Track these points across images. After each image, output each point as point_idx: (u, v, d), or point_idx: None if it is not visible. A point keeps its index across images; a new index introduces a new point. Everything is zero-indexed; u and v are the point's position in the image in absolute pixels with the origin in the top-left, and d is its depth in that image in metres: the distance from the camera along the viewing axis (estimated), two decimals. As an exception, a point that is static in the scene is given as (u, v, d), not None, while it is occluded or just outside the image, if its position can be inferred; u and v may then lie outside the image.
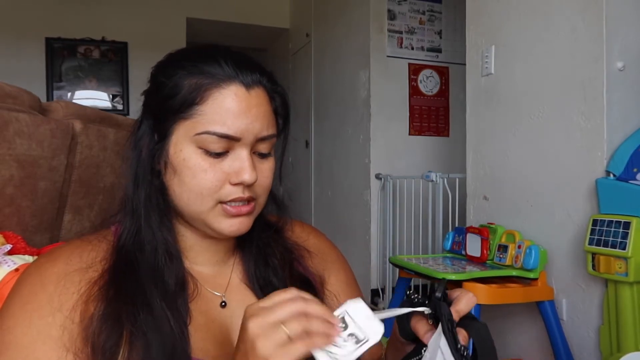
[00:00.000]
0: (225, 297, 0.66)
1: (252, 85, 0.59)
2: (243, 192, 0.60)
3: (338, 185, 3.69)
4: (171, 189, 0.61)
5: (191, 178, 0.59)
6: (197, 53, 0.62)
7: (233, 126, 0.58)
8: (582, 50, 1.64)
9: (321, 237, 0.78)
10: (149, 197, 0.61)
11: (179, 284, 0.61)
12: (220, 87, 0.58)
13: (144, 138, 0.62)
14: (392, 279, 2.98)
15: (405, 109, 3.30)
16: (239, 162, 0.59)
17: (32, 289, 0.56)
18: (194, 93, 0.58)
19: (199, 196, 0.59)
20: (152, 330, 0.55)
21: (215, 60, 0.59)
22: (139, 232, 0.61)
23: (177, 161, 0.59)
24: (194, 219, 0.62)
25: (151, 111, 0.62)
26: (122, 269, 0.59)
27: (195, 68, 0.59)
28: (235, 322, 0.64)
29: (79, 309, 0.55)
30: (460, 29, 2.48)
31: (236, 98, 0.58)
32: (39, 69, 3.94)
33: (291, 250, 0.71)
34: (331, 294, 0.71)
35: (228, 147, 0.59)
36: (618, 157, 1.53)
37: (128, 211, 0.62)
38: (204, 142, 0.58)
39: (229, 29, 4.60)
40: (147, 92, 0.64)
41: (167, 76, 0.60)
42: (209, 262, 0.67)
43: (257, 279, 0.67)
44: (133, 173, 0.62)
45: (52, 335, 0.54)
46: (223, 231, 0.61)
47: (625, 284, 1.46)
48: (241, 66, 0.59)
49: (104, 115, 1.56)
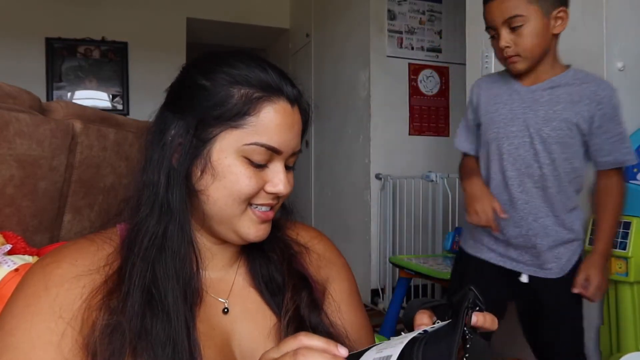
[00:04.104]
0: (228, 302, 0.65)
1: (294, 102, 0.62)
2: (273, 199, 0.63)
3: (338, 185, 3.69)
4: (206, 194, 0.60)
5: (234, 184, 0.59)
6: (242, 60, 0.61)
7: (279, 140, 0.60)
8: (582, 50, 1.64)
9: (327, 243, 0.78)
10: (184, 200, 0.61)
11: (195, 291, 0.61)
12: (271, 102, 0.60)
13: (178, 139, 0.60)
14: (392, 279, 2.98)
15: (405, 109, 3.30)
16: (277, 175, 0.62)
17: (35, 290, 0.56)
18: (247, 105, 0.59)
19: (237, 200, 0.60)
20: (164, 344, 0.54)
21: (263, 70, 0.60)
22: (166, 235, 0.60)
23: (221, 167, 0.59)
24: (222, 222, 0.62)
25: (189, 113, 0.60)
26: (133, 274, 0.57)
27: (243, 77, 0.59)
28: (236, 329, 0.64)
29: (80, 315, 0.54)
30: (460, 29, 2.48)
31: (285, 113, 0.61)
32: (39, 69, 3.94)
33: (290, 246, 0.71)
34: (334, 302, 0.71)
35: (269, 159, 0.61)
36: (618, 157, 1.53)
37: (155, 213, 0.60)
38: (250, 152, 0.59)
39: (229, 29, 4.60)
40: (180, 91, 0.63)
41: (209, 79, 0.60)
42: (216, 267, 0.67)
43: (262, 277, 0.67)
44: (166, 175, 0.60)
45: (52, 341, 0.53)
46: (249, 237, 0.62)
47: (626, 284, 1.46)
48: (284, 78, 0.62)
49: (104, 115, 1.56)
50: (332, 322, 0.67)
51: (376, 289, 3.20)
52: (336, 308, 0.70)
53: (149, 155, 0.61)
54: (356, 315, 0.74)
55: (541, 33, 1.17)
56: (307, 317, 0.64)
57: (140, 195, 0.61)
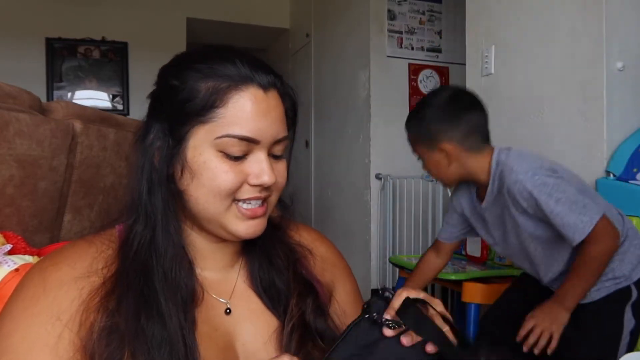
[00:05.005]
0: (230, 303, 0.64)
1: (268, 87, 0.59)
2: (260, 192, 0.60)
3: (338, 185, 3.69)
4: (188, 193, 0.59)
5: (211, 180, 0.58)
6: (209, 54, 0.60)
7: (253, 129, 0.58)
8: (582, 50, 1.64)
9: (329, 245, 0.77)
10: (167, 203, 0.60)
11: (190, 292, 0.60)
12: (239, 90, 0.57)
13: (156, 142, 0.60)
14: (392, 279, 2.98)
15: (405, 109, 3.30)
16: (258, 165, 0.59)
17: (34, 293, 0.56)
18: (213, 96, 0.57)
19: (218, 197, 0.58)
20: (160, 346, 0.54)
21: (231, 62, 0.58)
22: (153, 238, 0.60)
23: (197, 165, 0.58)
24: (209, 221, 0.61)
25: (163, 115, 0.60)
26: (130, 277, 0.57)
27: (211, 70, 0.58)
28: (239, 330, 0.63)
29: (78, 317, 0.54)
30: (460, 29, 2.48)
31: (255, 100, 0.58)
32: (39, 69, 3.94)
33: (295, 250, 0.71)
34: (338, 304, 0.71)
35: (247, 150, 0.59)
36: (618, 157, 1.53)
37: (141, 217, 0.60)
38: (224, 145, 0.57)
39: (229, 29, 4.59)
40: (156, 95, 0.63)
41: (179, 79, 0.59)
42: (216, 267, 0.66)
43: (261, 281, 0.66)
44: (147, 179, 0.60)
45: (49, 344, 0.53)
46: (239, 233, 0.61)
47: (625, 284, 1.46)
48: (256, 67, 0.59)
49: (104, 115, 1.56)
50: (337, 326, 0.67)
51: (376, 289, 3.19)
52: (342, 311, 0.70)
53: (133, 161, 0.62)
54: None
55: (437, 164, 1.28)
56: (312, 324, 0.64)
57: (131, 200, 0.62)
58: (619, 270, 1.21)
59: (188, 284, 0.60)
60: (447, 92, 1.29)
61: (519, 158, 1.22)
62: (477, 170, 1.26)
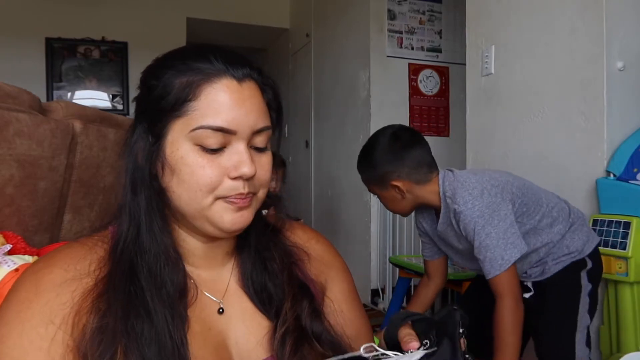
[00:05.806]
0: (223, 303, 0.64)
1: (243, 78, 0.59)
2: (243, 188, 0.59)
3: (338, 185, 3.69)
4: (170, 190, 0.60)
5: (190, 176, 0.58)
6: (185, 52, 0.61)
7: (227, 118, 0.57)
8: (582, 50, 1.64)
9: (325, 244, 0.77)
10: (150, 201, 0.60)
11: (180, 289, 0.60)
12: (211, 82, 0.58)
13: (139, 142, 0.60)
14: (392, 279, 2.98)
15: (405, 109, 3.30)
16: (236, 156, 0.58)
17: (27, 296, 0.56)
18: (186, 90, 0.57)
19: (199, 192, 0.58)
20: (149, 343, 0.54)
21: (205, 57, 0.59)
22: (138, 237, 0.60)
23: (175, 160, 0.58)
24: (195, 218, 0.60)
25: (144, 114, 0.61)
26: (118, 277, 0.57)
27: (185, 66, 0.58)
28: (232, 330, 0.63)
29: (71, 320, 0.55)
30: (460, 29, 2.48)
31: (228, 90, 0.58)
32: (39, 69, 3.94)
33: (290, 253, 0.70)
34: (332, 303, 0.70)
35: (224, 141, 0.58)
36: (618, 157, 1.53)
37: (126, 217, 0.61)
38: (200, 138, 0.57)
39: (229, 29, 4.59)
40: (138, 97, 0.63)
41: (156, 78, 0.60)
42: (209, 265, 0.66)
43: (253, 283, 0.66)
44: (130, 178, 0.61)
45: (42, 347, 0.53)
46: (225, 227, 0.60)
47: (626, 284, 1.46)
48: (230, 61, 0.59)
49: (104, 115, 1.56)
50: (333, 326, 0.67)
51: (376, 289, 3.19)
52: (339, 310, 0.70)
53: (121, 163, 0.63)
54: (356, 316, 0.74)
55: (393, 200, 1.38)
56: (308, 327, 0.63)
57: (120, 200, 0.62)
58: (572, 246, 1.36)
59: (174, 280, 0.60)
60: (388, 132, 1.36)
61: (461, 186, 1.30)
62: (429, 197, 1.36)
